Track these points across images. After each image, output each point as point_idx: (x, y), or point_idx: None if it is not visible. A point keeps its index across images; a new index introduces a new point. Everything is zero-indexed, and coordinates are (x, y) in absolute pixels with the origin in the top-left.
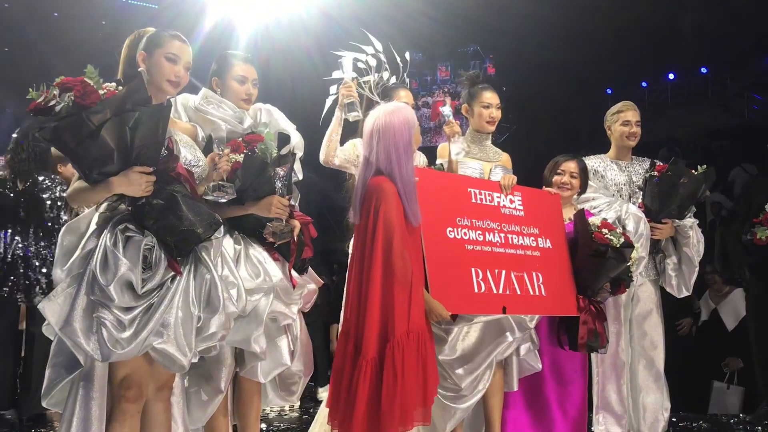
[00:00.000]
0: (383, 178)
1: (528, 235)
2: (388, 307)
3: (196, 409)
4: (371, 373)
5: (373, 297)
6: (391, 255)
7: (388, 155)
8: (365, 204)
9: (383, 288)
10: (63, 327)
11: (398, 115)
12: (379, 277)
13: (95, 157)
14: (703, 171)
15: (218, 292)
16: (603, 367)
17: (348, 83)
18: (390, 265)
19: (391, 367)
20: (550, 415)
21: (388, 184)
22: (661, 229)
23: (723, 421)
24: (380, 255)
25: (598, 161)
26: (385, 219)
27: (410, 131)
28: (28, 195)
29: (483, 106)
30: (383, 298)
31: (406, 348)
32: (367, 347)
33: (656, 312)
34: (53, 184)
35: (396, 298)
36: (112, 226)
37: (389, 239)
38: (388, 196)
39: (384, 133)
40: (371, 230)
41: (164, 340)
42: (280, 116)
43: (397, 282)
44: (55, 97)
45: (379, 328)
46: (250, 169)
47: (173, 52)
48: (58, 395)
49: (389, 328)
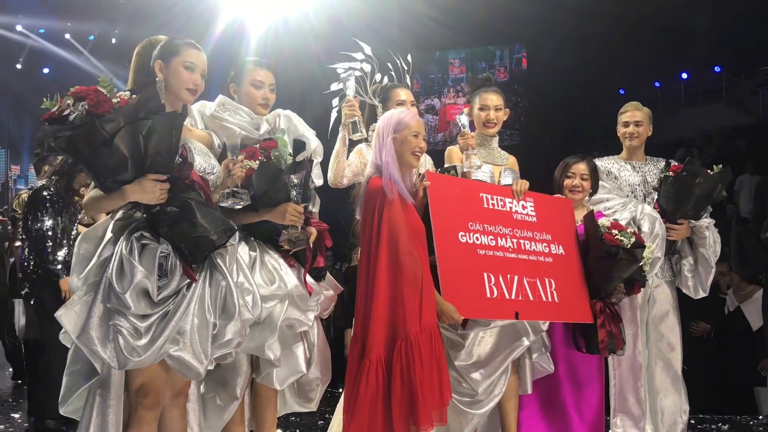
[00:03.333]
0: (379, 179)
1: (540, 241)
2: (397, 306)
3: (212, 415)
4: (376, 373)
5: (378, 297)
6: (398, 254)
7: (379, 153)
8: (367, 205)
9: (390, 287)
10: (80, 335)
11: (390, 116)
12: (385, 276)
13: (109, 166)
14: (718, 171)
15: (234, 299)
16: (620, 369)
17: (351, 102)
18: (398, 264)
19: (403, 366)
20: (566, 418)
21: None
22: (676, 229)
23: (742, 423)
24: (385, 254)
25: (611, 162)
26: (388, 219)
27: (395, 126)
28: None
29: (480, 108)
30: (391, 298)
31: (422, 346)
32: (371, 347)
33: (673, 313)
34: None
35: (406, 297)
36: (128, 233)
37: (394, 239)
38: (385, 195)
39: (377, 135)
40: (375, 231)
41: (180, 348)
42: (300, 122)
43: (406, 281)
44: (69, 107)
45: (386, 328)
46: (264, 175)
47: (191, 60)
48: (76, 403)
49: (399, 328)
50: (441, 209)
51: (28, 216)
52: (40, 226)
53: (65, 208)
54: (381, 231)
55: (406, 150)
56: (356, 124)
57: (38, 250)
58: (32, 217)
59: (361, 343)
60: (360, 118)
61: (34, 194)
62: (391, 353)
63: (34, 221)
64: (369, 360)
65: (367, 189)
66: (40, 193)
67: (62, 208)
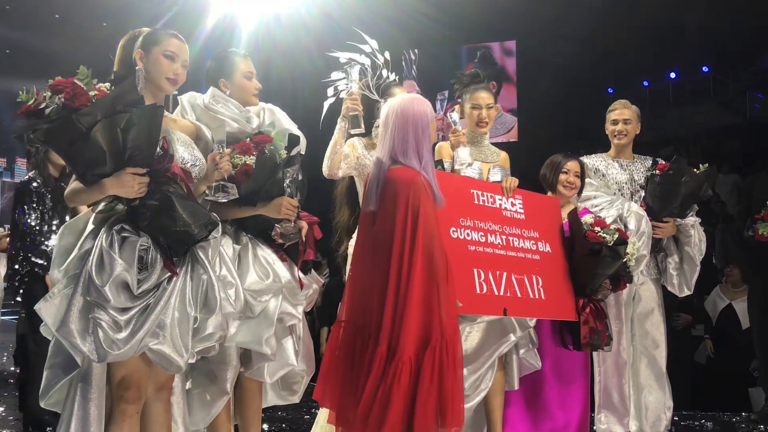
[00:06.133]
0: (413, 171)
1: (528, 239)
2: (432, 306)
3: (199, 409)
4: (408, 374)
5: (413, 296)
6: (433, 255)
7: (406, 142)
8: (398, 197)
9: (425, 287)
10: (60, 328)
11: (417, 102)
12: (420, 276)
13: (88, 159)
14: (704, 170)
15: (215, 293)
16: (605, 366)
17: (354, 95)
18: (434, 264)
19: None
20: (551, 415)
21: (419, 177)
22: (662, 228)
23: (726, 420)
24: (420, 253)
25: (599, 160)
26: (424, 216)
27: (428, 118)
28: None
29: (472, 107)
30: (425, 298)
31: (457, 348)
32: (404, 348)
33: (658, 311)
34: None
35: (441, 297)
36: (109, 226)
37: (431, 239)
38: (423, 190)
39: (404, 120)
40: (410, 227)
41: (160, 341)
42: (283, 115)
43: (442, 281)
44: (45, 100)
45: (420, 329)
46: (262, 171)
47: (171, 50)
48: (57, 396)
49: (435, 328)
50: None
51: (15, 209)
52: (26, 219)
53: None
54: (417, 228)
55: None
56: (358, 118)
57: (25, 243)
58: (19, 210)
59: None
60: (362, 112)
61: (22, 186)
62: (422, 353)
63: (21, 214)
64: (401, 361)
65: (399, 179)
66: (27, 186)
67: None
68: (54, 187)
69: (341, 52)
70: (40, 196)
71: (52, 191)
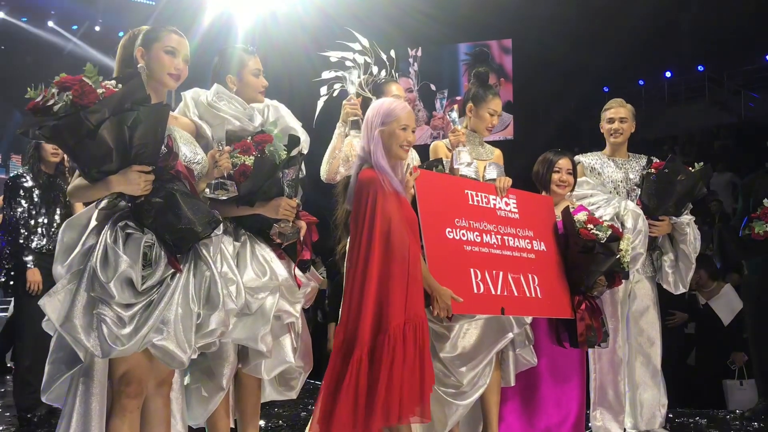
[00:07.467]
0: (370, 170)
1: (523, 238)
2: (383, 298)
3: (197, 405)
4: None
5: (369, 288)
6: (391, 246)
7: (368, 143)
8: (359, 196)
9: (380, 277)
10: (63, 323)
11: (380, 105)
12: (377, 267)
13: (94, 156)
14: (699, 168)
15: (218, 289)
16: (600, 363)
17: (353, 100)
18: (389, 255)
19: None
20: (547, 412)
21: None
22: (658, 226)
23: (720, 417)
24: (378, 247)
25: (595, 158)
26: (382, 210)
27: (383, 119)
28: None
29: (490, 113)
30: (379, 289)
31: (406, 340)
32: (359, 341)
33: (653, 309)
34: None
35: (392, 288)
36: (112, 223)
37: (388, 230)
38: (378, 184)
39: (366, 124)
40: (368, 223)
41: (164, 337)
42: (287, 113)
43: (393, 272)
44: (53, 97)
45: (373, 321)
46: (260, 172)
47: (172, 45)
48: (58, 390)
49: (384, 320)
50: (428, 205)
51: (4, 204)
52: (13, 214)
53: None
54: (374, 223)
55: (394, 143)
56: (357, 123)
57: (13, 238)
58: (6, 205)
59: (349, 336)
60: (361, 117)
61: (11, 182)
62: (374, 345)
63: (8, 209)
64: (354, 355)
65: (359, 180)
66: (16, 181)
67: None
68: (45, 183)
69: (333, 52)
70: (27, 191)
71: (42, 188)
